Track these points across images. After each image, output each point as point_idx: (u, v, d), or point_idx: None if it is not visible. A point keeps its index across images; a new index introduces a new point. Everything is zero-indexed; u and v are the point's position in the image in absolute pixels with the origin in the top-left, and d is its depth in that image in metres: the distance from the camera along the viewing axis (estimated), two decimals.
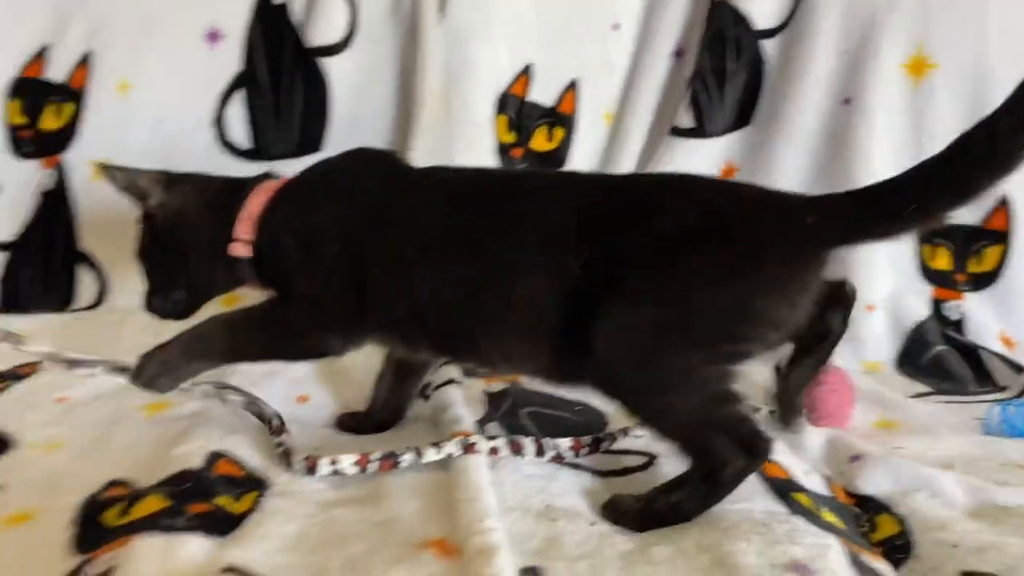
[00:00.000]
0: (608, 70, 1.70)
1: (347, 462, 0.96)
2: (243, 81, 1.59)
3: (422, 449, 0.98)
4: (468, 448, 0.98)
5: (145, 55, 1.58)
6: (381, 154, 1.21)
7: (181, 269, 1.12)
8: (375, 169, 1.12)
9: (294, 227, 1.05)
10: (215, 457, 0.97)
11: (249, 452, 1.00)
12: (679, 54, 1.70)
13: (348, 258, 1.02)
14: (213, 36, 1.58)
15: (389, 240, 1.01)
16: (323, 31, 1.57)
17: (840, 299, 0.99)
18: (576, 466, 1.03)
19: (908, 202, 0.82)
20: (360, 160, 1.13)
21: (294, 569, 0.76)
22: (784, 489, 0.95)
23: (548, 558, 0.80)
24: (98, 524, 0.84)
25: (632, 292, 0.88)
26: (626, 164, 1.68)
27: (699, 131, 1.64)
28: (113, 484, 0.93)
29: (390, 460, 0.97)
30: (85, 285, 1.62)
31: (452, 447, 0.98)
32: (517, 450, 1.02)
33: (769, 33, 1.63)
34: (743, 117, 1.65)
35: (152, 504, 0.86)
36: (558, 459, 1.03)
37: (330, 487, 0.94)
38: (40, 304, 1.60)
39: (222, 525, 0.83)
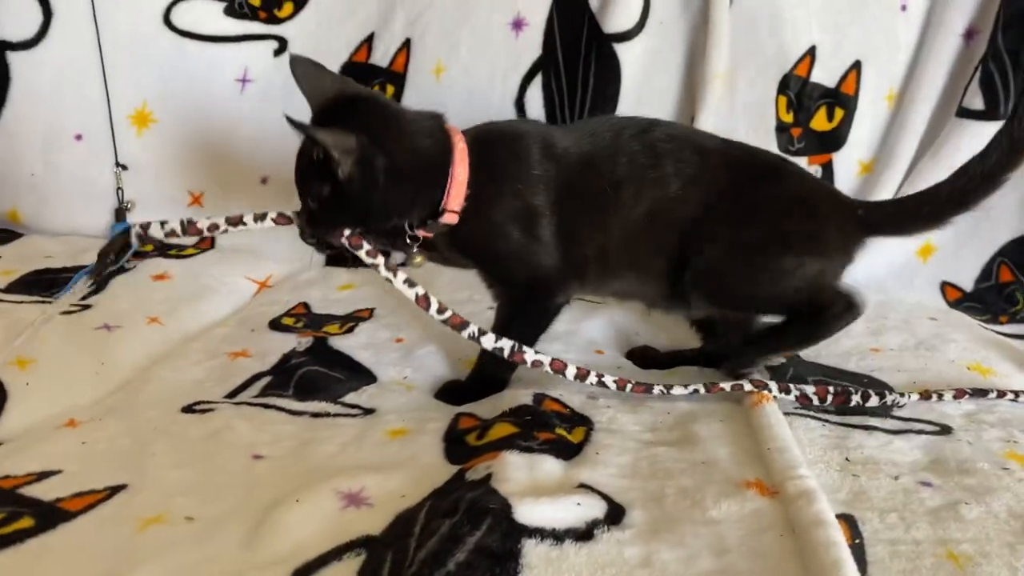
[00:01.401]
0: (893, 51, 1.69)
1: (609, 379, 1.14)
2: (542, 65, 1.75)
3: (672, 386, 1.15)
4: (711, 387, 1.14)
5: (457, 42, 1.78)
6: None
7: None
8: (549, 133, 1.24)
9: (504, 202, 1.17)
10: (541, 397, 1.13)
11: (567, 395, 1.15)
12: (970, 35, 1.66)
13: (554, 214, 1.17)
14: (518, 24, 1.75)
15: (587, 193, 1.18)
16: (618, 18, 1.68)
17: None
18: (868, 427, 1.09)
19: (922, 211, 1.22)
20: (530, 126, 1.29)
21: (635, 491, 0.90)
22: None
23: (859, 508, 0.88)
24: (463, 443, 1.02)
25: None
26: (908, 145, 1.67)
27: (990, 113, 1.60)
28: (462, 415, 1.11)
29: (642, 387, 1.15)
30: None
31: (698, 386, 1.14)
32: (761, 387, 1.12)
33: None
34: None
35: (504, 429, 1.03)
36: (805, 399, 1.14)
37: (646, 429, 1.07)
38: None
39: (566, 451, 0.98)
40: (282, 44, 1.86)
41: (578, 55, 1.72)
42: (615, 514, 0.84)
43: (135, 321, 1.42)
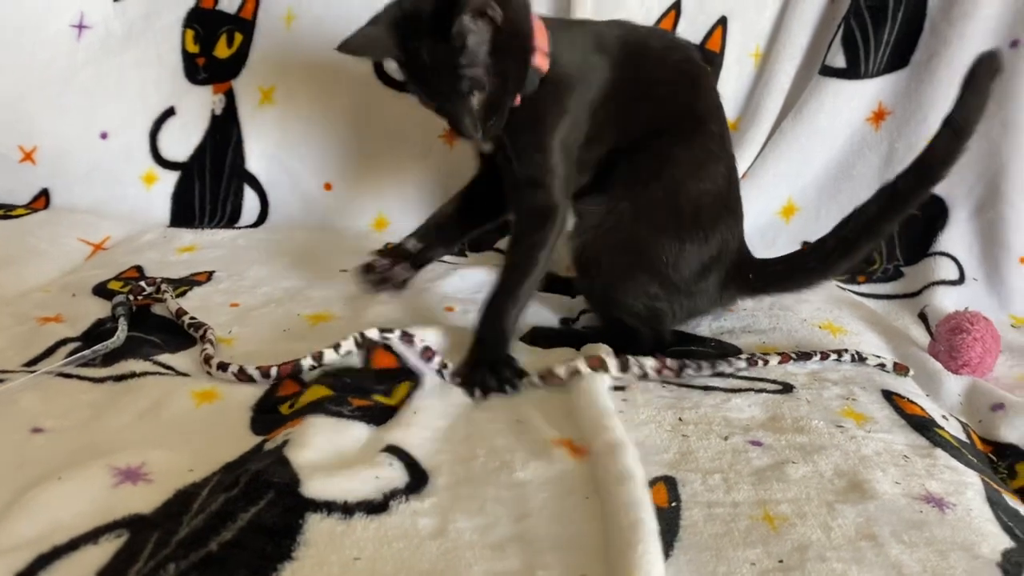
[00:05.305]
0: (759, 7, 1.65)
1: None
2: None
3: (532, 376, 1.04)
4: (548, 376, 1.02)
5: None
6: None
7: (508, 85, 1.09)
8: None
9: (574, 56, 1.15)
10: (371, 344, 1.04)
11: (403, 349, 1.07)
12: None
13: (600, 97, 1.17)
14: None
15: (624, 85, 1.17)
16: None
17: None
18: (708, 388, 1.05)
19: (808, 264, 1.22)
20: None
21: (445, 454, 0.84)
22: (925, 424, 0.96)
23: (682, 470, 0.84)
24: (276, 412, 0.94)
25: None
26: (773, 103, 1.64)
27: (851, 71, 1.59)
28: (285, 380, 1.03)
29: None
30: (249, 204, 1.74)
31: (535, 377, 1.03)
32: (598, 366, 1.02)
33: None
34: (900, 58, 1.59)
35: (317, 392, 0.95)
36: (644, 377, 1.06)
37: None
38: (208, 220, 1.74)
39: (380, 416, 0.92)
40: None
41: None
42: (417, 482, 0.78)
43: None
